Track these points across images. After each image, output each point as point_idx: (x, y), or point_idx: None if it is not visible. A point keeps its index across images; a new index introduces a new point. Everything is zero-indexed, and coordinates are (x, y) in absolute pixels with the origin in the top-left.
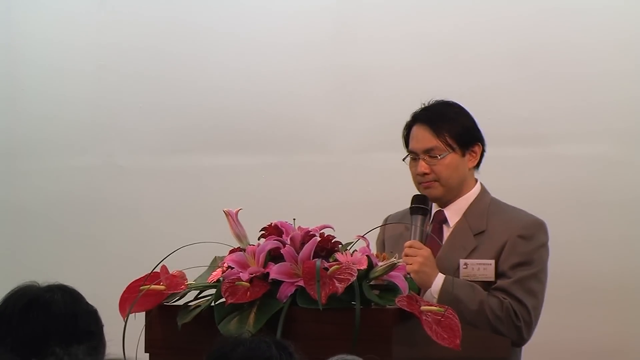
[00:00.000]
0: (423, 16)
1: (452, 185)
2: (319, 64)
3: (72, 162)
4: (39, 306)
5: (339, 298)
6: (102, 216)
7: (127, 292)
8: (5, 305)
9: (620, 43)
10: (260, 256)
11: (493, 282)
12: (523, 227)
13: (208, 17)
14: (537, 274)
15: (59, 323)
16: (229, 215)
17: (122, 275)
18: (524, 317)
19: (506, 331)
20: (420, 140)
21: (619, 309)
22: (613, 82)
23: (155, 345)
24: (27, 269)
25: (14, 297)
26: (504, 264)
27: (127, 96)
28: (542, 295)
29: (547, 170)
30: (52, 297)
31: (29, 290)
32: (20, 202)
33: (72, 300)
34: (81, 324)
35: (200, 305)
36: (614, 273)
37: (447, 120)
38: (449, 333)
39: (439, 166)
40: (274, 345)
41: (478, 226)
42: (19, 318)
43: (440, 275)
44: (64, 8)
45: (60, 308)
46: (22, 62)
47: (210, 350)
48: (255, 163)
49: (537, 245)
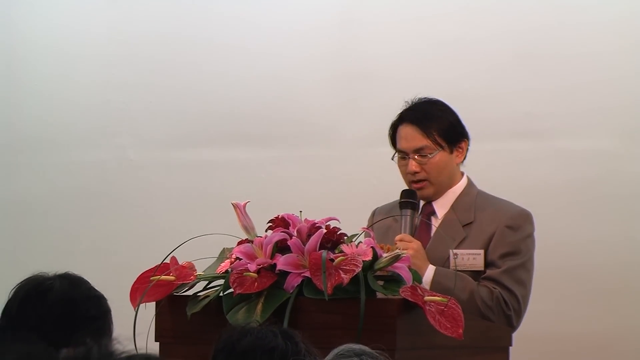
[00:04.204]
0: (426, 16)
1: (441, 183)
2: (324, 63)
3: (84, 156)
4: (37, 294)
5: (345, 289)
6: (114, 208)
7: (138, 282)
8: (11, 296)
9: (620, 40)
10: (267, 248)
11: (482, 271)
12: (510, 218)
13: (217, 19)
14: (525, 264)
15: (55, 309)
16: (237, 207)
17: (133, 266)
18: (514, 305)
19: (496, 320)
20: (410, 140)
21: (620, 302)
22: (613, 77)
23: (165, 334)
24: (40, 261)
25: (19, 287)
26: (493, 253)
27: (138, 93)
28: (530, 284)
29: (548, 164)
30: (51, 285)
31: (32, 280)
32: (34, 195)
33: (71, 286)
34: (82, 310)
35: (209, 296)
36: (615, 267)
37: (435, 119)
38: (452, 323)
39: (429, 165)
40: (280, 335)
41: (466, 218)
42: (17, 309)
43: (430, 266)
44: (76, 4)
45: (57, 295)
46: (35, 59)
47: (218, 339)
48: (263, 157)
49: (524, 236)
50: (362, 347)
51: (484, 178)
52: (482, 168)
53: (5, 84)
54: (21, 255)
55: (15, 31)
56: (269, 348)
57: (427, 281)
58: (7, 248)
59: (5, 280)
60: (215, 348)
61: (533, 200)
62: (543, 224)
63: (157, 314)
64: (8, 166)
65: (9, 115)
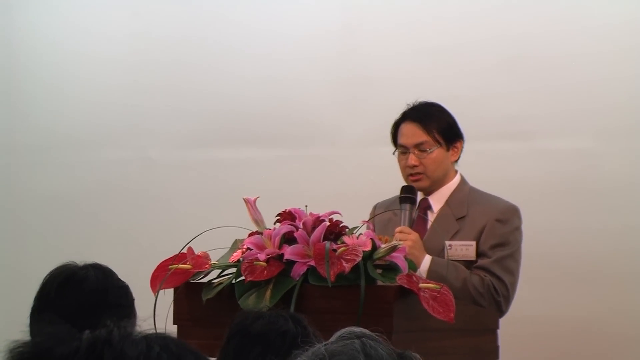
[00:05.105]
0: (421, 24)
1: (437, 178)
2: (327, 68)
3: (108, 155)
4: (74, 282)
5: (346, 276)
6: (136, 203)
7: (157, 270)
8: (45, 282)
9: (598, 48)
10: (275, 239)
11: (474, 261)
12: (500, 212)
13: (230, 28)
14: (513, 254)
15: (91, 297)
16: (248, 202)
17: (152, 256)
18: (503, 292)
19: (487, 305)
20: (411, 135)
21: (599, 288)
22: (592, 82)
23: (182, 318)
24: (69, 250)
25: (54, 274)
26: (484, 244)
27: (158, 98)
28: (518, 272)
29: (533, 162)
30: (86, 274)
31: (66, 269)
32: (64, 190)
33: (104, 276)
34: (112, 298)
35: (223, 283)
36: (593, 255)
37: (434, 119)
38: (444, 308)
39: (427, 160)
40: (290, 319)
41: (459, 212)
42: (55, 294)
43: (427, 256)
44: (104, 17)
45: (93, 284)
46: (68, 66)
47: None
48: (271, 156)
49: (512, 228)
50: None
51: (474, 175)
52: (473, 166)
53: (41, 91)
54: (52, 244)
55: (52, 42)
56: (282, 331)
57: (424, 270)
58: (39, 238)
59: (38, 266)
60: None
61: (519, 196)
62: (529, 217)
63: (175, 299)
64: (40, 164)
65: (42, 118)
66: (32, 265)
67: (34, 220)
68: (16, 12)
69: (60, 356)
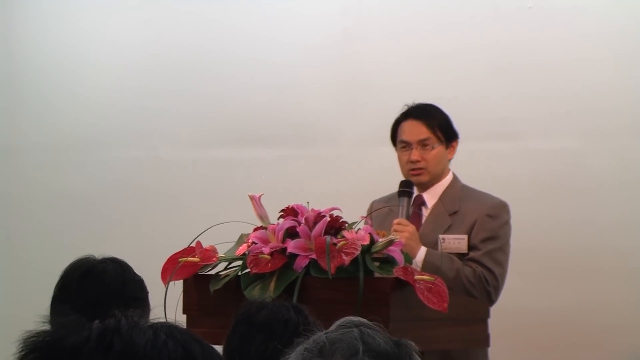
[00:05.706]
0: (418, 31)
1: (436, 173)
2: (329, 73)
3: (121, 155)
4: (94, 275)
5: (346, 269)
6: (147, 200)
7: (168, 263)
8: (66, 274)
9: (583, 54)
10: (279, 233)
11: (466, 253)
12: (490, 208)
13: (237, 34)
14: (503, 247)
15: (111, 289)
16: (253, 199)
17: (163, 250)
18: (493, 283)
19: (478, 295)
20: (415, 132)
21: (581, 278)
22: (577, 85)
23: (191, 307)
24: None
25: (74, 267)
26: (475, 238)
27: (168, 101)
28: (507, 264)
29: (522, 161)
30: (105, 267)
31: (86, 261)
32: (79, 188)
33: (122, 270)
34: (129, 291)
35: (229, 275)
36: (579, 249)
37: (436, 117)
38: (438, 298)
39: (429, 155)
40: (292, 309)
41: (452, 207)
42: (77, 285)
43: (423, 248)
44: (118, 25)
45: (112, 277)
46: (82, 70)
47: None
48: (276, 156)
49: (502, 223)
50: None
51: (467, 173)
52: (466, 164)
53: (59, 95)
54: (67, 239)
55: (73, 51)
56: (284, 320)
57: (419, 260)
58: (56, 234)
59: (54, 261)
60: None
61: (509, 193)
62: (518, 213)
63: (184, 291)
64: (56, 163)
65: (59, 120)
66: (49, 260)
67: (50, 217)
68: (33, 22)
69: (71, 345)
